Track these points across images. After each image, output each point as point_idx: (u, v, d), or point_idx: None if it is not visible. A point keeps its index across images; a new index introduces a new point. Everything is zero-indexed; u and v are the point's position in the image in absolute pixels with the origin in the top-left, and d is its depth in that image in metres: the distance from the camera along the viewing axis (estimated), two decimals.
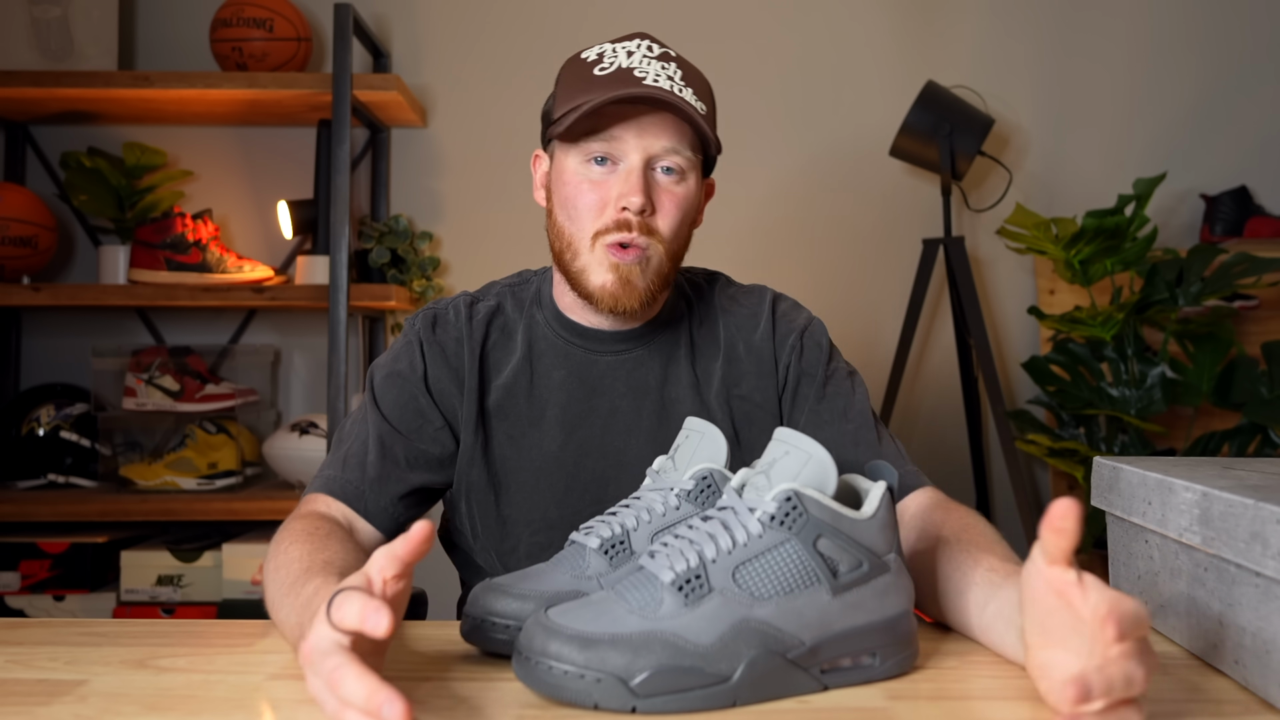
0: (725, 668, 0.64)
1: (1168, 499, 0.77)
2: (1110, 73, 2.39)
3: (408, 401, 1.02)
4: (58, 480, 2.19)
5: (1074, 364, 2.13)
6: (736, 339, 1.07)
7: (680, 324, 1.08)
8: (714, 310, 1.09)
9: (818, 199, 2.39)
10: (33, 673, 0.72)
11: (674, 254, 1.00)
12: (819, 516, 0.66)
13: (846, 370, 1.08)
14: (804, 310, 1.12)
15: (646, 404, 1.04)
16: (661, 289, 1.01)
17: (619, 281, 0.97)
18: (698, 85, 0.98)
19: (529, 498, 1.02)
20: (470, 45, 2.40)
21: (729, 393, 1.05)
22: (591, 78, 0.96)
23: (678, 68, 0.98)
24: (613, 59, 0.97)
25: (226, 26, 2.16)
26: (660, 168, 0.97)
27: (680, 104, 0.93)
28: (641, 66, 0.96)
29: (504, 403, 1.03)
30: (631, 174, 0.95)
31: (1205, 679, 0.71)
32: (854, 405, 1.04)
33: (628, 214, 0.95)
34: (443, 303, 1.07)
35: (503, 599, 0.75)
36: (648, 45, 0.99)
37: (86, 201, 2.27)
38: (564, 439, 1.02)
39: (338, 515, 0.96)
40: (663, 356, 1.06)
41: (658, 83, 0.94)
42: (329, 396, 2.00)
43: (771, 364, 1.06)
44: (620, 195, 0.95)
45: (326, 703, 0.59)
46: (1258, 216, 2.26)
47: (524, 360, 1.04)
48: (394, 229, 2.30)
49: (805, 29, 2.40)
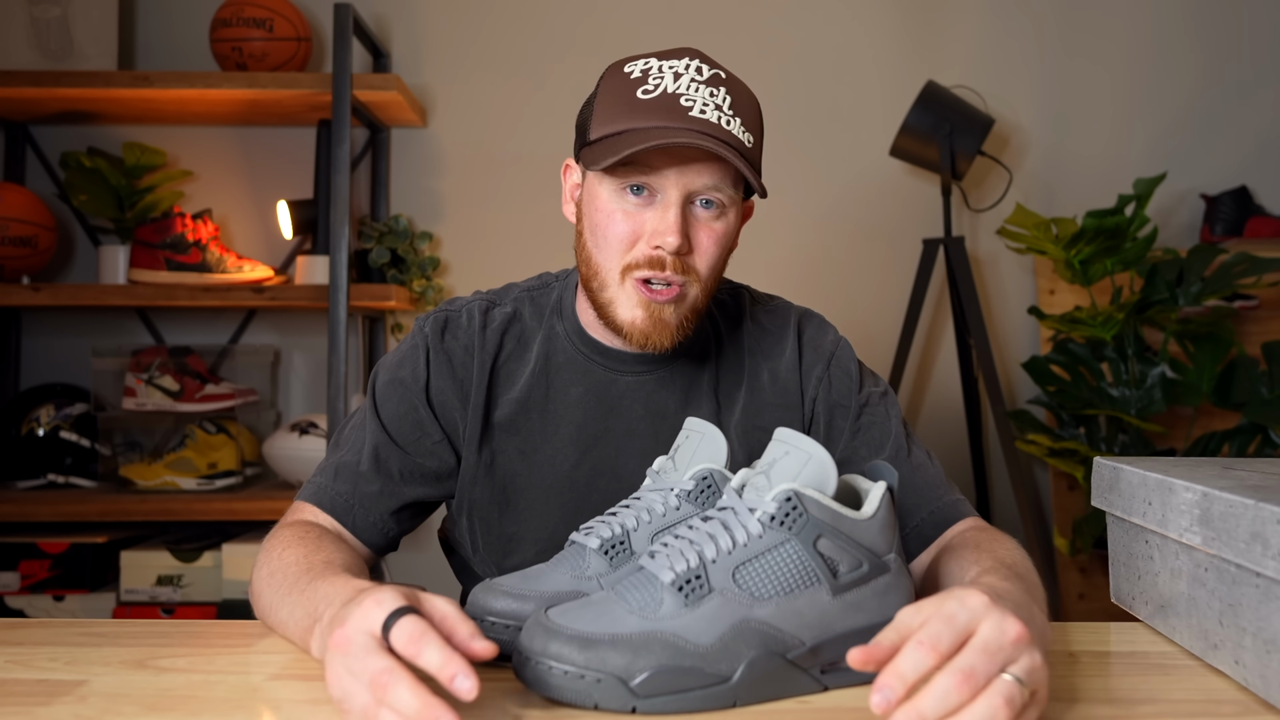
0: (725, 668, 0.64)
1: (1168, 499, 0.77)
2: (1110, 73, 2.39)
3: (407, 412, 0.98)
4: (58, 480, 2.19)
5: (1074, 364, 2.13)
6: (761, 367, 1.03)
7: (706, 347, 1.04)
8: (739, 333, 1.05)
9: (818, 199, 2.39)
10: (33, 673, 0.72)
11: (709, 290, 0.95)
12: (819, 517, 0.66)
13: (879, 394, 1.04)
14: (829, 331, 1.07)
15: (664, 428, 1.00)
16: (695, 323, 0.96)
17: (650, 320, 0.92)
18: (747, 113, 0.91)
19: (538, 516, 0.99)
20: (470, 45, 2.40)
21: (749, 424, 1.01)
22: (635, 101, 0.89)
23: (727, 94, 0.91)
24: (659, 80, 0.90)
25: (226, 26, 2.16)
26: (699, 201, 0.91)
27: (726, 149, 0.86)
28: (689, 93, 0.89)
29: (516, 417, 1.00)
30: (669, 210, 0.89)
31: (1205, 679, 0.71)
32: (890, 435, 1.00)
33: (662, 252, 0.90)
34: (457, 303, 1.03)
35: (502, 599, 0.75)
36: (697, 66, 0.91)
37: (86, 201, 2.27)
38: (577, 458, 0.99)
39: (326, 525, 0.94)
40: (685, 380, 1.02)
41: (705, 113, 0.88)
42: (329, 396, 2.00)
43: (797, 396, 1.02)
44: (656, 233, 0.90)
45: (354, 697, 0.58)
46: (1258, 216, 2.26)
47: (540, 373, 1.00)
48: (394, 229, 2.30)
49: (805, 29, 2.40)
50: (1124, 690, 0.69)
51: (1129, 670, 0.73)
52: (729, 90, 0.91)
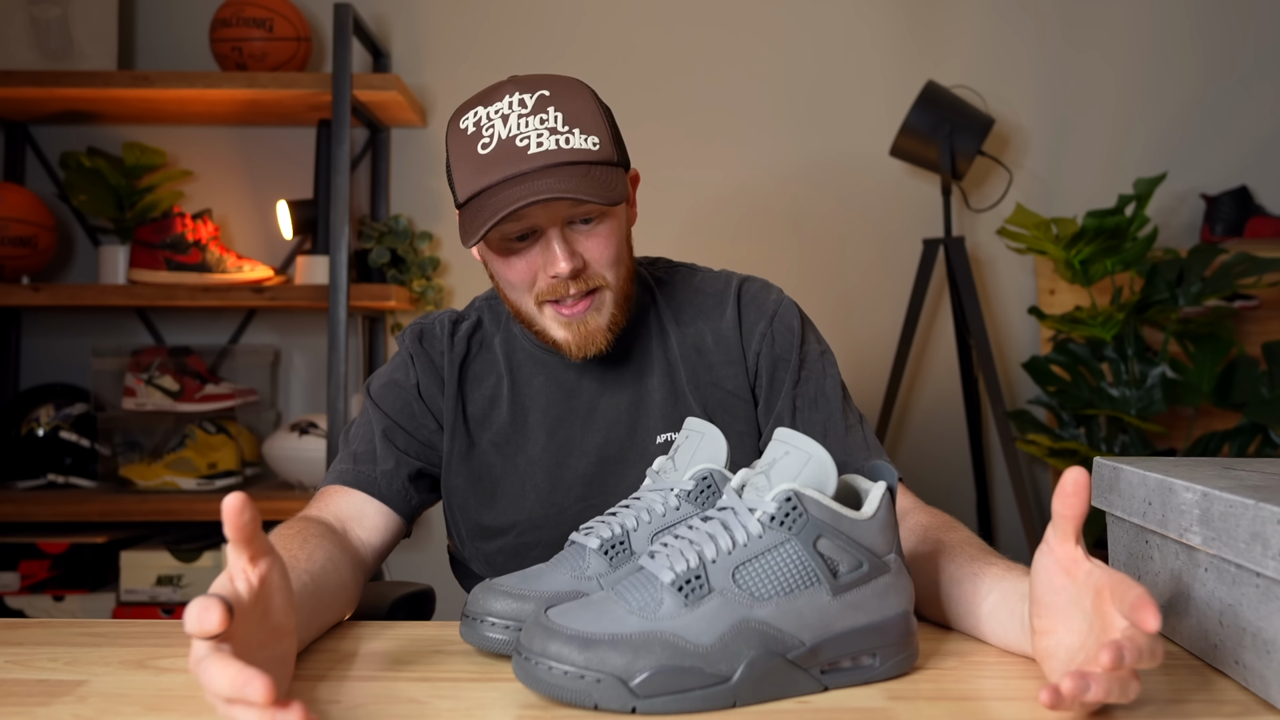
0: (725, 668, 0.64)
1: (1168, 499, 0.77)
2: (1111, 72, 2.39)
3: (404, 405, 1.07)
4: (57, 480, 2.19)
5: (1074, 364, 2.13)
6: (705, 329, 1.08)
7: (647, 315, 1.09)
8: (678, 299, 1.10)
9: (818, 199, 2.39)
10: (33, 673, 0.72)
11: (624, 280, 1.00)
12: (819, 517, 0.66)
13: (818, 351, 1.08)
14: (773, 291, 1.11)
15: (623, 398, 1.06)
16: (625, 312, 1.02)
17: (578, 333, 0.98)
18: (583, 116, 0.94)
19: (515, 501, 1.05)
20: (470, 45, 2.40)
21: (699, 380, 1.06)
22: (478, 159, 0.93)
23: (556, 110, 0.93)
24: (490, 129, 0.93)
25: (226, 26, 2.16)
26: (578, 220, 0.96)
27: (570, 179, 0.90)
28: (522, 130, 0.92)
29: (488, 412, 1.07)
30: (550, 245, 0.95)
31: (1205, 679, 0.71)
32: (824, 391, 1.05)
33: (559, 279, 0.95)
34: (429, 317, 1.12)
35: (502, 599, 0.75)
36: (520, 99, 0.94)
37: (86, 201, 2.27)
38: (546, 440, 1.05)
39: (340, 512, 0.99)
40: (636, 352, 1.07)
41: (542, 144, 0.91)
42: (329, 396, 2.00)
43: (739, 351, 1.07)
44: (547, 265, 0.95)
45: (215, 706, 0.59)
46: (1258, 216, 2.26)
47: (504, 372, 1.08)
48: (394, 229, 2.30)
49: (805, 28, 2.40)
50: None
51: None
52: (557, 105, 0.94)
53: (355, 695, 0.68)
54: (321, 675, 0.72)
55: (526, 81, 0.96)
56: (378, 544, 1.00)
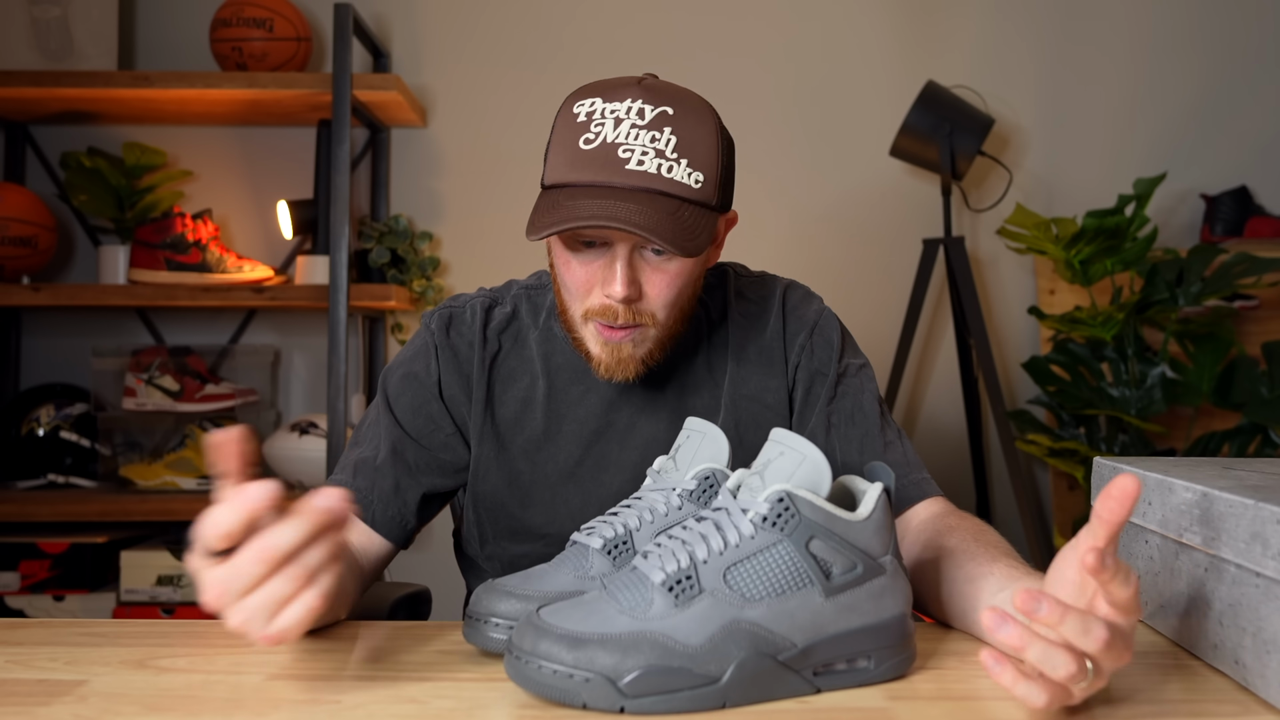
0: (714, 669, 0.63)
1: (1168, 499, 0.77)
2: (1111, 73, 2.39)
3: (420, 406, 1.02)
4: (58, 480, 2.19)
5: (1074, 364, 2.13)
6: (747, 339, 1.05)
7: (697, 331, 1.06)
8: (725, 307, 1.07)
9: (818, 199, 2.39)
10: (33, 673, 0.72)
11: (673, 322, 0.96)
12: (811, 518, 0.66)
13: (858, 366, 1.06)
14: (814, 301, 1.09)
15: (663, 417, 1.02)
16: (664, 350, 0.98)
17: (612, 357, 0.94)
18: (696, 149, 0.89)
19: (545, 512, 1.02)
20: (470, 45, 2.40)
21: (736, 393, 1.04)
22: (577, 152, 0.89)
23: (672, 134, 0.88)
24: (600, 126, 0.88)
25: (226, 26, 2.16)
26: (651, 248, 0.91)
27: (652, 221, 0.84)
28: (629, 142, 0.87)
29: (520, 415, 1.03)
30: (615, 263, 0.90)
31: (1205, 679, 0.71)
32: (862, 407, 1.02)
33: (612, 301, 0.91)
34: (461, 300, 1.06)
35: (505, 600, 0.75)
36: (639, 109, 0.89)
37: (86, 201, 2.27)
38: (581, 454, 1.02)
39: None
40: (680, 368, 1.04)
41: (643, 164, 0.87)
42: (329, 397, 2.00)
43: (781, 363, 1.05)
44: (605, 283, 0.91)
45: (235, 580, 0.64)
46: (1258, 216, 2.26)
47: (539, 374, 1.03)
48: (394, 229, 2.30)
49: (806, 28, 2.40)
50: (1124, 690, 0.69)
51: (1129, 670, 0.73)
52: (675, 128, 0.89)
53: (355, 695, 0.68)
54: (321, 675, 0.72)
55: (655, 91, 0.91)
56: (373, 557, 0.97)
